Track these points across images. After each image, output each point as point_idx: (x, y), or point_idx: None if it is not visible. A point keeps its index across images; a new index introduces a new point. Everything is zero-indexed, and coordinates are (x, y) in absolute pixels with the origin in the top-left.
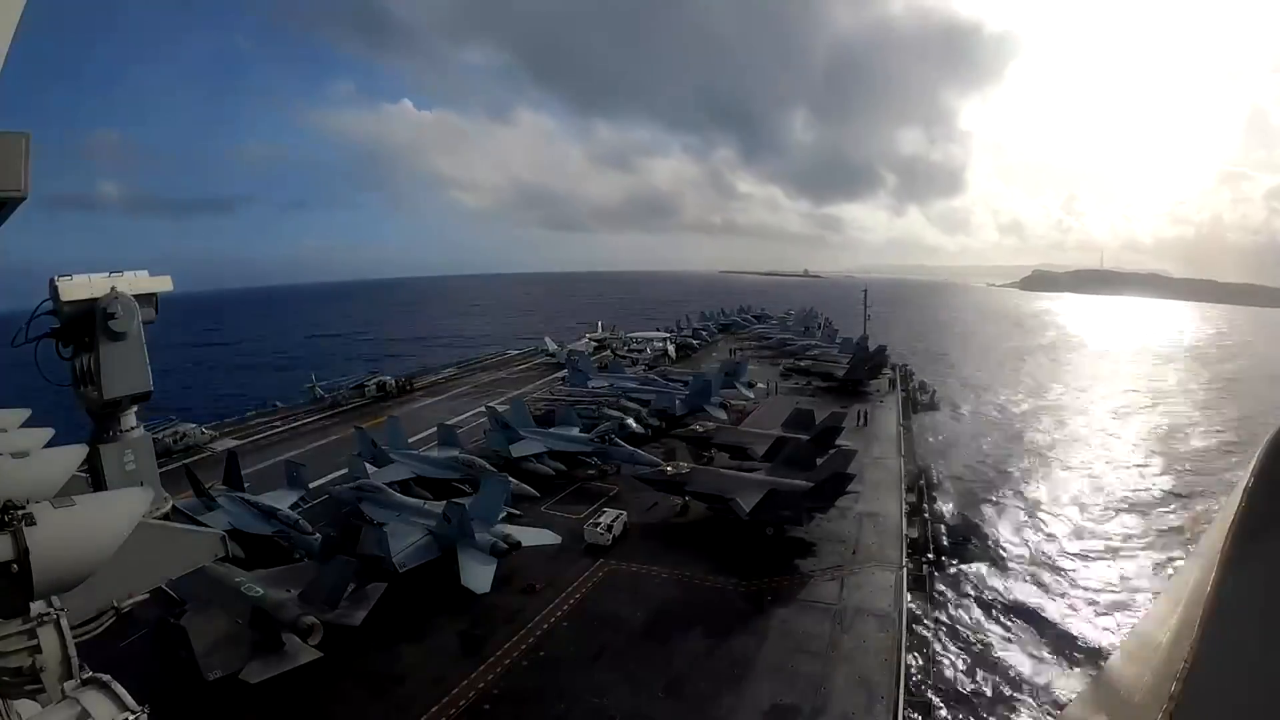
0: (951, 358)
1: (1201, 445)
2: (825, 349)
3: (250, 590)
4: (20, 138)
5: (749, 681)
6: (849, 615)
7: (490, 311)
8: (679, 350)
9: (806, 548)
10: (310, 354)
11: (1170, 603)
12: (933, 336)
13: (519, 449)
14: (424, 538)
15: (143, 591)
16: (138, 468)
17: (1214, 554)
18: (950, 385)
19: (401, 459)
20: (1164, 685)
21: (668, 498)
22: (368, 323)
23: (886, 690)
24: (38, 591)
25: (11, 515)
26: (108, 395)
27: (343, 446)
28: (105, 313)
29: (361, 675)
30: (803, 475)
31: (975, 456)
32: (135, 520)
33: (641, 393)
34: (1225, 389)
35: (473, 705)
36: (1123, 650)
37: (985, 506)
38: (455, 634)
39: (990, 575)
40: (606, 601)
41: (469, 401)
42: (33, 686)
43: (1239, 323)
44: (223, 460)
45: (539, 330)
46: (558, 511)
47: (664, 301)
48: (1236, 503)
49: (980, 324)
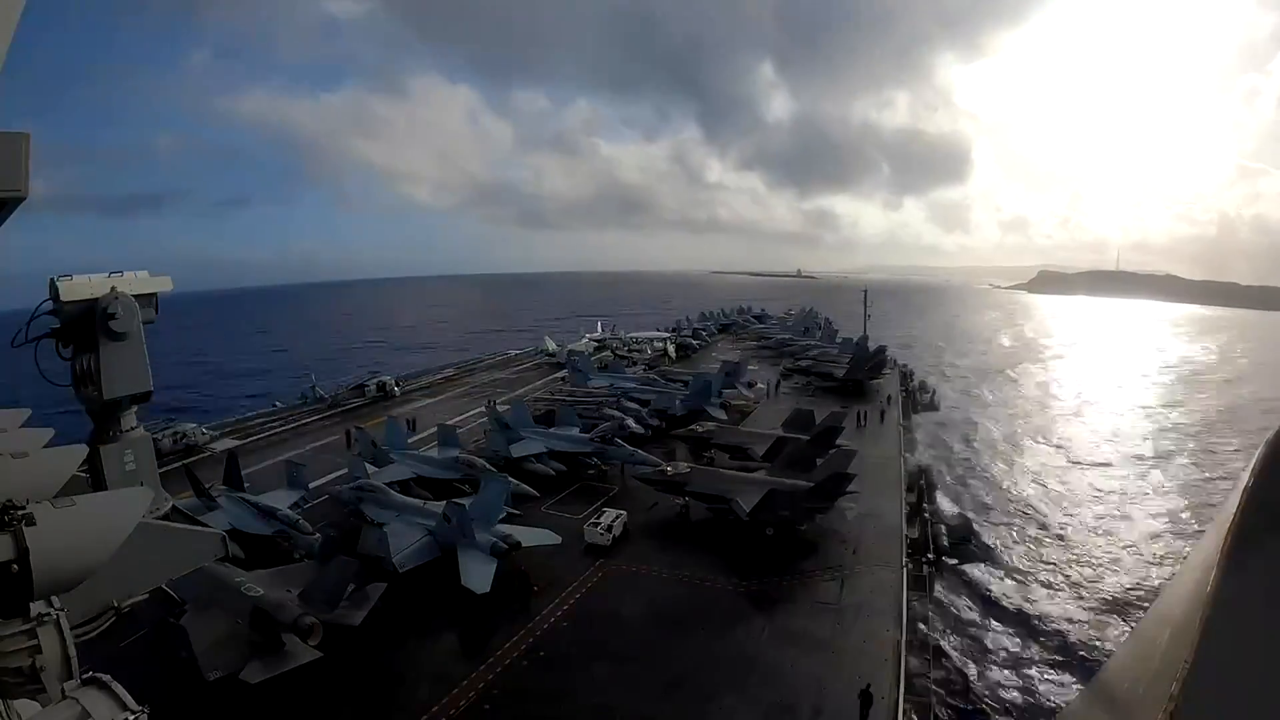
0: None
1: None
2: (825, 349)
3: (250, 590)
4: (20, 138)
5: (749, 681)
6: (849, 615)
7: (436, 319)
8: (679, 350)
9: (807, 548)
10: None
11: (1170, 603)
12: (945, 351)
13: (519, 449)
14: (424, 538)
15: (143, 591)
16: (138, 468)
17: (1214, 554)
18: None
19: (401, 459)
20: (1164, 685)
21: (668, 498)
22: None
23: (886, 690)
24: (38, 591)
25: (11, 515)
26: (108, 395)
27: (343, 446)
28: (105, 313)
29: (361, 675)
30: (803, 475)
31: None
32: (135, 520)
33: (641, 393)
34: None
35: (473, 705)
36: (1123, 650)
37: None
38: (455, 634)
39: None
40: (606, 601)
41: (469, 402)
42: (33, 686)
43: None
44: (223, 460)
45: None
46: (558, 511)
47: (624, 302)
48: (1236, 503)
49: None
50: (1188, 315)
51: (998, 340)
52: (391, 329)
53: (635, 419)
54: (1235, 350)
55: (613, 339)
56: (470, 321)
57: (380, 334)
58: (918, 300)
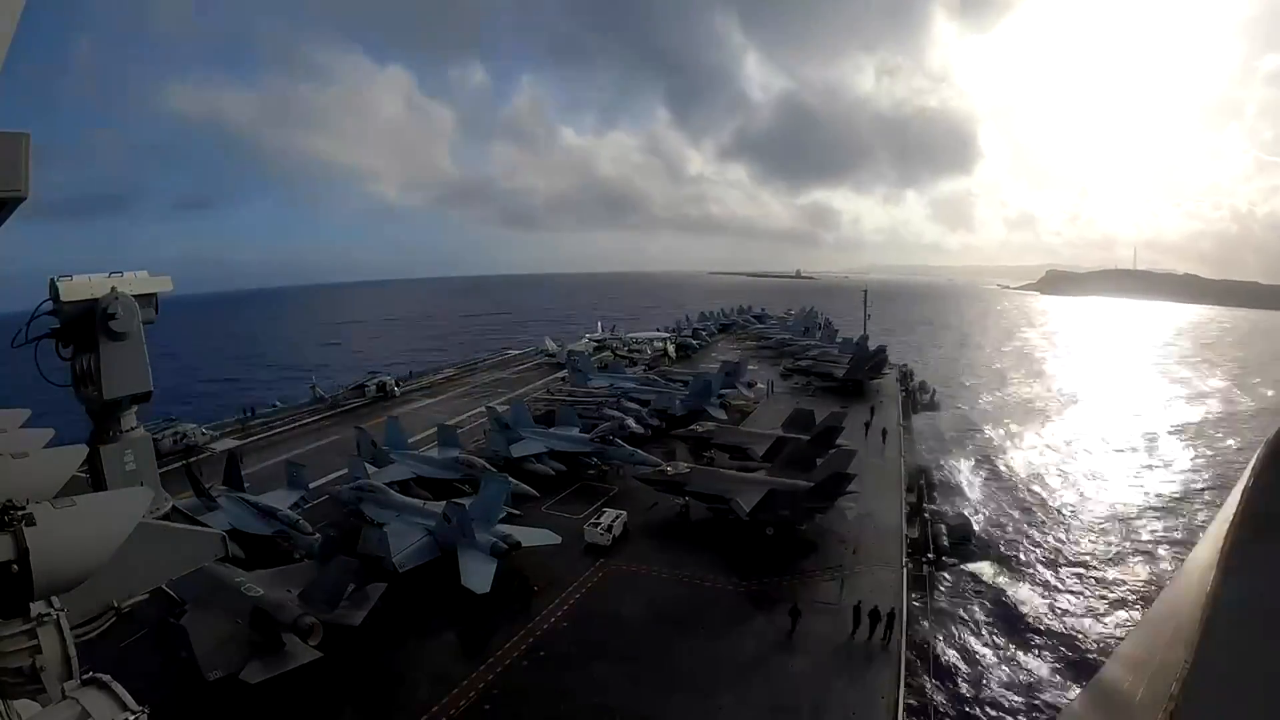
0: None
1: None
2: (825, 349)
3: (250, 590)
4: (20, 137)
5: (749, 681)
6: (849, 615)
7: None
8: (679, 350)
9: (807, 548)
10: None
11: (1170, 603)
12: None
13: (519, 449)
14: (424, 538)
15: (143, 591)
16: (138, 468)
17: (1214, 554)
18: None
19: (402, 459)
20: (1164, 685)
21: (668, 498)
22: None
23: (886, 690)
24: (38, 592)
25: (11, 515)
26: (108, 396)
27: (343, 446)
28: (105, 313)
29: (361, 675)
30: (803, 475)
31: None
32: (135, 520)
33: (641, 393)
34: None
35: (473, 705)
36: (1122, 650)
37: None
38: (455, 634)
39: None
40: (606, 601)
41: (469, 402)
42: (33, 686)
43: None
44: (223, 460)
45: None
46: (558, 512)
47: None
48: (1236, 503)
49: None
50: (1217, 318)
51: (1036, 382)
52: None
53: (635, 419)
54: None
55: (613, 339)
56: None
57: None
58: (923, 307)
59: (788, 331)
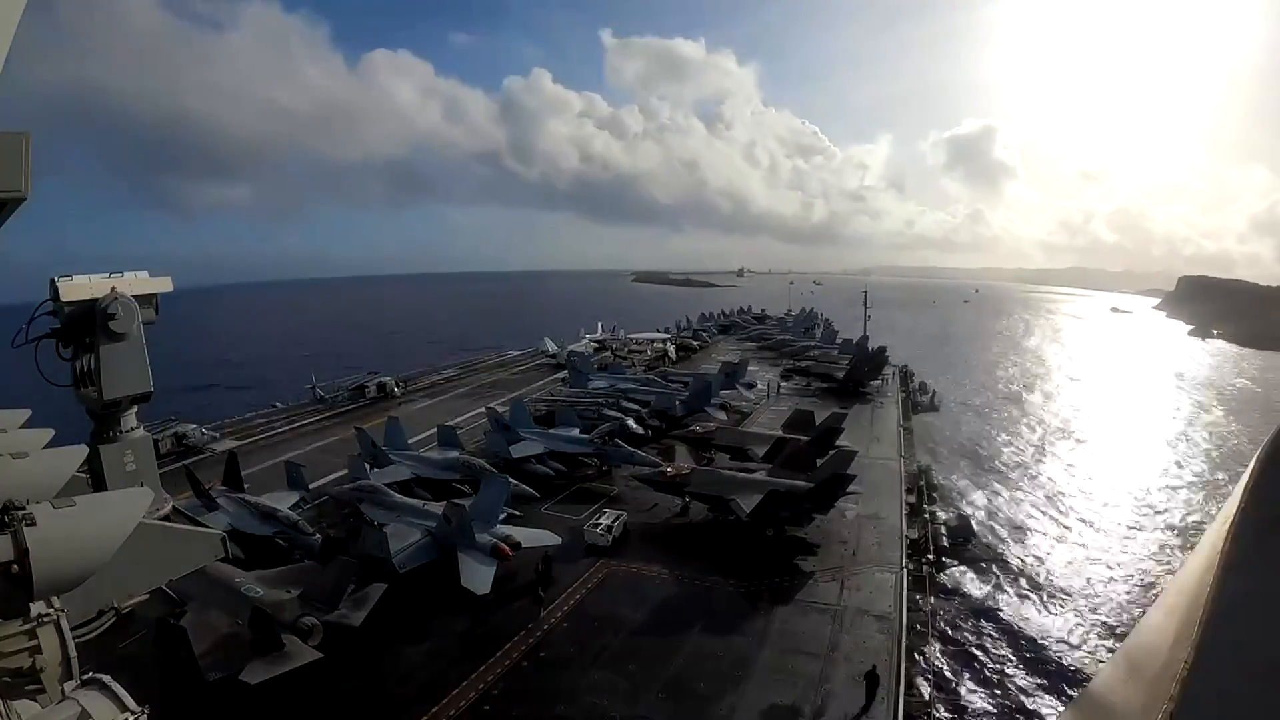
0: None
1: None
2: (825, 350)
3: (250, 591)
4: (20, 137)
5: (749, 682)
6: (849, 616)
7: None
8: (679, 351)
9: (807, 548)
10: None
11: (1170, 603)
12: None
13: (519, 450)
14: (424, 538)
15: (143, 592)
16: (138, 468)
17: (1214, 554)
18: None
19: (401, 460)
20: (1164, 686)
21: (668, 498)
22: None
23: (887, 691)
24: (38, 592)
25: (11, 516)
26: (108, 396)
27: (343, 446)
28: (105, 313)
29: (361, 676)
30: (803, 476)
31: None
32: (135, 521)
33: (641, 393)
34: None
35: (473, 705)
36: (1122, 651)
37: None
38: (455, 634)
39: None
40: (606, 602)
41: (469, 402)
42: (33, 687)
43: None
44: (223, 461)
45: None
46: (558, 512)
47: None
48: (1236, 503)
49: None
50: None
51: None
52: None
53: (635, 420)
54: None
55: (613, 339)
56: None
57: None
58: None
59: (788, 332)
